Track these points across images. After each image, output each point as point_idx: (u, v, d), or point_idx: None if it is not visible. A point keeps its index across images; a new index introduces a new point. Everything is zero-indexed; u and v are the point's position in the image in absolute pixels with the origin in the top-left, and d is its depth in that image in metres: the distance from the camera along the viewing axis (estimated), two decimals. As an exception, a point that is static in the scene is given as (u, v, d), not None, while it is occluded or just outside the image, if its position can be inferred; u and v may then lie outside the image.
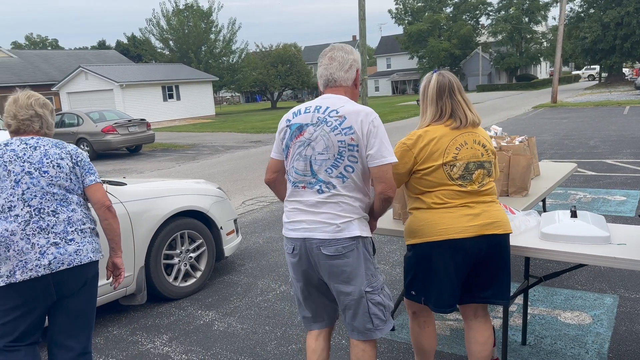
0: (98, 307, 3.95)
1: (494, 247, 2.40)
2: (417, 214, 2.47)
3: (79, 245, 2.37)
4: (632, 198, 6.38)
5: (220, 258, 4.74)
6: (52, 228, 2.33)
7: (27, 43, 78.94)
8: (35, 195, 2.32)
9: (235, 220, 4.95)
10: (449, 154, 2.38)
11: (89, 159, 2.54)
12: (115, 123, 15.63)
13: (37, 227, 2.30)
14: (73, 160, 2.44)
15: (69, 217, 2.38)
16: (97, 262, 2.47)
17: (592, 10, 37.17)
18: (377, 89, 61.78)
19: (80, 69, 31.26)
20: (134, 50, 51.27)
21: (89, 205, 2.55)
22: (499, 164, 3.40)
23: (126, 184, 4.27)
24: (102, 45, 68.33)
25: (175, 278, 4.35)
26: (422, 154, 2.39)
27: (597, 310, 3.60)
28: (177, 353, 3.44)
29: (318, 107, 2.29)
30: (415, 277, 2.52)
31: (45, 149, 2.40)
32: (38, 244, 2.29)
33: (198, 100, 34.68)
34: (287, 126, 2.35)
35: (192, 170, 12.07)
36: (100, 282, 2.93)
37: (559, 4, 27.87)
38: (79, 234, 2.40)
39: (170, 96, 32.85)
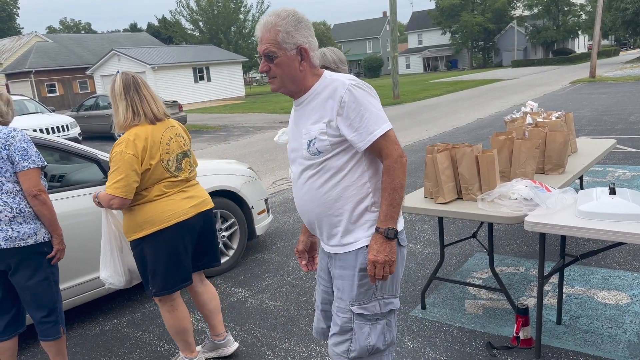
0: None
1: (207, 221, 2.87)
2: (139, 208, 2.69)
3: None
4: (676, 175, 6.13)
5: (252, 237, 4.80)
6: None
7: (61, 27, 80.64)
8: None
9: (266, 200, 4.99)
10: (163, 150, 2.68)
11: (26, 144, 2.54)
12: (148, 105, 15.85)
13: None
14: (1, 145, 2.49)
15: None
16: (16, 248, 2.54)
17: (635, -21, 35.40)
18: (407, 66, 60.77)
19: (113, 52, 31.79)
20: (165, 32, 51.74)
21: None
22: (534, 139, 3.31)
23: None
24: (134, 28, 69.19)
25: (209, 256, 4.43)
26: (144, 155, 2.62)
27: (636, 289, 3.50)
28: (211, 329, 3.53)
29: None
30: (157, 267, 2.72)
31: None
32: None
33: (228, 82, 34.86)
34: None
35: (223, 151, 12.20)
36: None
37: (599, -27, 26.64)
38: None
39: (201, 77, 33.11)
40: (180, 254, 2.76)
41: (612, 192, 2.56)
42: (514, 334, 2.95)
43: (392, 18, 21.85)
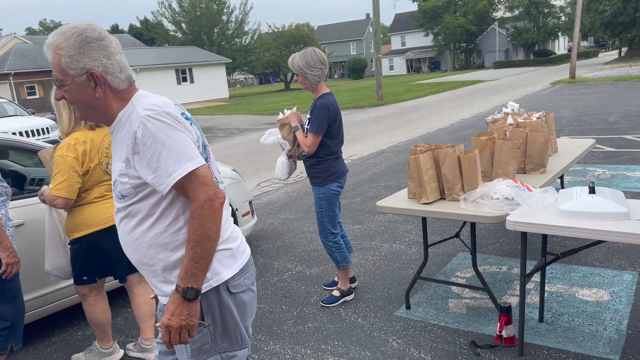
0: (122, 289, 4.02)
1: None
2: (79, 210, 2.84)
3: None
4: (653, 174, 6.26)
5: (236, 239, 4.77)
6: None
7: (41, 29, 79.40)
8: None
9: (250, 202, 4.97)
10: (102, 153, 2.83)
11: None
12: (130, 107, 15.71)
13: None
14: None
15: None
16: None
17: (612, -18, 36.07)
18: (391, 67, 61.08)
19: (94, 53, 31.35)
20: (147, 33, 51.30)
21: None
22: (516, 140, 3.35)
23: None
24: (115, 30, 68.45)
25: (192, 259, 4.40)
26: (84, 158, 2.76)
27: (616, 287, 3.56)
28: (195, 332, 3.50)
29: None
30: (85, 263, 2.91)
31: None
32: None
33: (212, 83, 34.68)
34: None
35: (207, 153, 12.10)
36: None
37: (578, -25, 27.12)
38: None
39: (184, 79, 32.89)
40: (109, 253, 2.88)
41: (592, 191, 2.60)
42: (497, 333, 2.98)
43: (375, 20, 21.96)
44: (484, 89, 24.24)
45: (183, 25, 42.65)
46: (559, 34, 49.58)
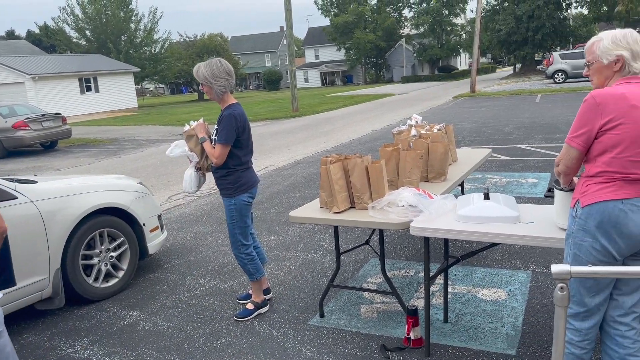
0: (11, 313, 3.71)
1: None
2: None
3: None
4: (543, 180, 6.83)
5: (145, 256, 4.57)
6: None
7: None
8: None
9: (159, 216, 4.79)
10: None
11: None
12: (27, 118, 14.60)
13: None
14: None
15: None
16: None
17: (506, 4, 39.17)
18: (306, 80, 61.87)
19: (-15, 60, 28.85)
20: (47, 40, 48.04)
21: None
22: (418, 150, 3.52)
23: (37, 182, 4.01)
24: (10, 35, 63.35)
25: (96, 279, 4.15)
26: None
27: (512, 286, 3.83)
28: (99, 356, 3.29)
29: None
30: None
31: None
32: None
33: (119, 93, 33.14)
34: None
35: (113, 166, 11.53)
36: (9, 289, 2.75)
37: (475, -3, 29.20)
38: None
39: (88, 88, 31.14)
40: None
41: (486, 197, 2.79)
42: (405, 335, 3.09)
43: (289, 33, 22.19)
44: (393, 102, 25.27)
45: (87, 32, 40.48)
46: (461, 50, 52.91)
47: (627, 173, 2.03)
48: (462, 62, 62.35)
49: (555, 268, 1.53)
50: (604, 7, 35.17)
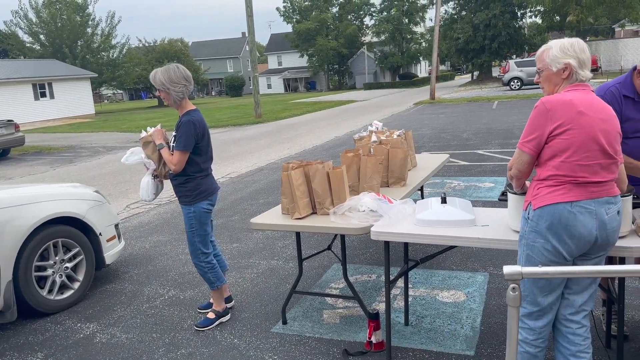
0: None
1: None
2: None
3: None
4: (499, 184, 7.03)
5: (101, 266, 4.44)
6: None
7: None
8: None
9: (116, 225, 4.67)
10: None
11: None
12: (-24, 125, 14.01)
13: None
14: None
15: None
16: None
17: (464, 13, 40.28)
18: (269, 86, 61.75)
19: None
20: (-2, 44, 46.28)
21: None
22: (378, 156, 3.57)
23: (-14, 191, 3.85)
24: (-43, 38, 60.63)
25: (50, 291, 4.01)
26: None
27: (470, 287, 3.92)
28: (53, 372, 3.17)
29: None
30: None
31: None
32: None
33: (75, 99, 32.22)
34: None
35: (69, 174, 11.18)
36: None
37: (434, 6, 29.91)
38: None
39: (43, 94, 30.14)
40: None
41: (444, 201, 2.85)
42: (367, 339, 3.11)
43: (251, 39, 22.11)
44: (355, 108, 25.51)
45: (41, 37, 39.23)
46: (421, 58, 53.95)
47: (576, 176, 2.12)
48: (422, 69, 63.56)
49: (507, 269, 1.57)
50: (557, 17, 36.66)
